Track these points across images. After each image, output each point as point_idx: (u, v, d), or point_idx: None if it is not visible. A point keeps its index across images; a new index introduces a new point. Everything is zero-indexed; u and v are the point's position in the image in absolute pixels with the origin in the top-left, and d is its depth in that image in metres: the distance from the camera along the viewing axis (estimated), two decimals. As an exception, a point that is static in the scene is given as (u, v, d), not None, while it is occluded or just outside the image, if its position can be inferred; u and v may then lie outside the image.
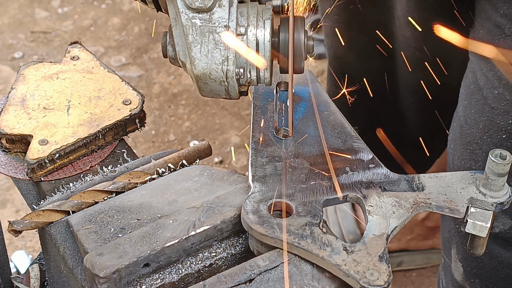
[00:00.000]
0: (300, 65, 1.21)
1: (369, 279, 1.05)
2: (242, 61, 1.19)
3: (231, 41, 1.16)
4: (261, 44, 1.18)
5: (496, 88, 1.63)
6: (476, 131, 1.71)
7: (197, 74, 1.18)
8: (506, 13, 1.56)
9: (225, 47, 1.17)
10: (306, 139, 1.26)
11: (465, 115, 1.74)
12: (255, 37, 1.18)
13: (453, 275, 1.89)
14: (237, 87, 1.20)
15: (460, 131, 1.77)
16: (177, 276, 1.14)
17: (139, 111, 1.42)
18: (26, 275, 1.47)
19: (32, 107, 1.42)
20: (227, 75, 1.18)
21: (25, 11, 3.58)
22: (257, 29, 1.18)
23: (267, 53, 1.19)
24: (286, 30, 1.19)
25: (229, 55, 1.17)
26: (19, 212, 2.81)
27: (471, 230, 1.18)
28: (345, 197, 1.18)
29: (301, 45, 1.20)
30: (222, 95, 1.22)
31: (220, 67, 1.17)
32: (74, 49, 1.54)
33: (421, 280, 2.65)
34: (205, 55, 1.17)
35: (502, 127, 1.64)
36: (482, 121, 1.69)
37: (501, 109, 1.63)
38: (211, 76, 1.18)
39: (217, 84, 1.19)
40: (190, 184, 1.24)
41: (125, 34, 3.48)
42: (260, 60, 1.18)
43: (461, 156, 1.78)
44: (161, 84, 3.27)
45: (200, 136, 3.08)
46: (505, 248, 1.74)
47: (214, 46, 1.17)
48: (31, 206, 1.43)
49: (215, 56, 1.17)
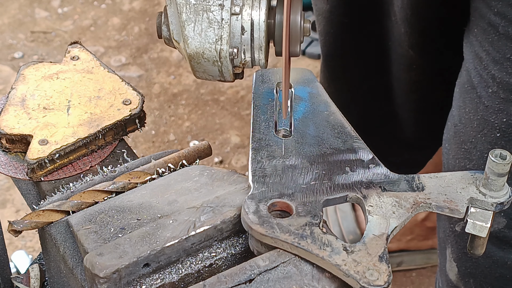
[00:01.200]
0: (295, 48, 1.19)
1: (369, 279, 1.05)
2: (236, 41, 1.17)
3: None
4: (256, 25, 1.17)
5: (490, 86, 1.63)
6: (470, 130, 1.71)
7: (190, 53, 1.16)
8: (499, 11, 1.56)
9: (219, 26, 1.15)
10: (306, 139, 1.25)
11: (459, 114, 1.75)
12: (250, 17, 1.16)
13: (448, 275, 1.89)
14: (231, 68, 1.18)
15: (454, 130, 1.77)
16: (177, 276, 1.14)
17: (139, 111, 1.42)
18: (26, 275, 1.47)
19: (32, 107, 1.42)
20: (221, 54, 1.16)
21: (25, 11, 3.58)
22: (252, 9, 1.16)
23: (261, 33, 1.17)
24: (282, 11, 1.17)
25: (223, 34, 1.15)
26: (19, 212, 2.81)
27: (471, 230, 1.18)
28: (345, 197, 1.18)
29: (297, 27, 1.18)
30: (216, 77, 1.20)
31: (213, 46, 1.16)
32: (74, 49, 1.54)
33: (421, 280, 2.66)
34: (198, 34, 1.15)
35: (496, 125, 1.65)
36: (476, 120, 1.69)
37: (495, 107, 1.63)
38: (204, 56, 1.16)
39: (210, 64, 1.17)
40: (190, 184, 1.24)
41: (125, 34, 3.48)
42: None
43: (455, 156, 1.78)
44: (161, 84, 3.27)
45: (200, 136, 3.08)
46: (499, 247, 1.74)
47: (208, 25, 1.15)
48: (31, 206, 1.43)
49: (208, 35, 1.16)
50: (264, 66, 1.21)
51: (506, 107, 1.62)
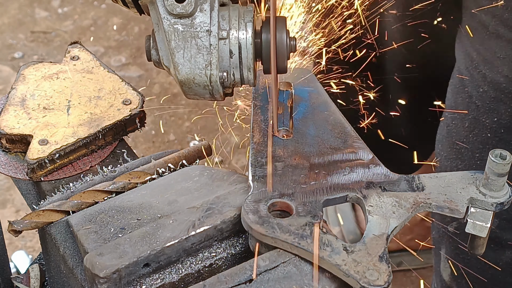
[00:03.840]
0: (283, 64, 1.21)
1: (369, 279, 1.05)
2: (225, 64, 1.19)
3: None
4: (244, 47, 1.19)
5: (481, 86, 1.63)
6: (462, 130, 1.71)
7: (181, 79, 1.19)
8: (490, 11, 1.56)
9: (207, 52, 1.17)
10: (306, 139, 1.26)
11: (452, 114, 1.75)
12: (237, 40, 1.19)
13: (442, 275, 1.89)
14: (221, 90, 1.21)
15: (446, 130, 1.78)
16: (177, 276, 1.14)
17: (139, 111, 1.42)
18: (26, 275, 1.47)
19: (32, 107, 1.42)
20: (211, 79, 1.19)
21: (25, 11, 3.58)
22: (239, 32, 1.19)
23: (249, 55, 1.19)
24: (268, 31, 1.20)
25: (212, 59, 1.18)
26: (19, 212, 2.81)
27: (471, 230, 1.18)
28: (345, 197, 1.18)
29: (283, 45, 1.20)
30: (207, 98, 1.23)
31: (203, 72, 1.18)
32: (74, 49, 1.54)
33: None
34: (188, 60, 1.18)
35: (487, 125, 1.65)
36: (467, 120, 1.69)
37: (486, 107, 1.63)
38: (195, 81, 1.19)
39: (201, 88, 1.20)
40: (190, 184, 1.24)
41: (125, 34, 3.47)
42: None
43: (448, 156, 1.78)
44: (161, 84, 3.27)
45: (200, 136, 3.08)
46: (491, 248, 1.74)
47: (197, 51, 1.17)
48: (31, 206, 1.43)
49: (198, 61, 1.18)
50: (253, 85, 1.23)
51: (497, 106, 1.62)
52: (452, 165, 1.75)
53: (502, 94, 1.60)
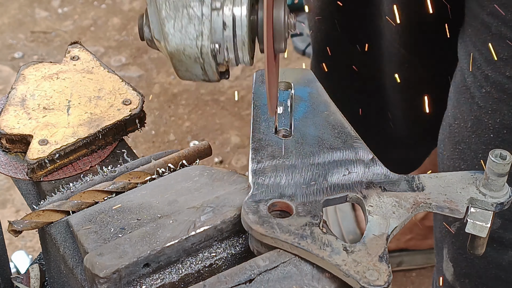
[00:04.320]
0: (280, 44, 1.15)
1: (369, 279, 1.05)
2: (218, 37, 1.13)
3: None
4: (238, 21, 1.12)
5: (484, 86, 1.63)
6: (465, 131, 1.71)
7: (171, 51, 1.13)
8: (492, 12, 1.56)
9: (199, 22, 1.11)
10: (306, 139, 1.25)
11: (454, 115, 1.75)
12: (231, 12, 1.12)
13: (444, 275, 1.89)
14: (214, 65, 1.14)
15: (449, 130, 1.78)
16: (177, 276, 1.14)
17: (139, 111, 1.42)
18: (26, 275, 1.47)
19: (32, 107, 1.42)
20: (202, 50, 1.12)
21: (25, 11, 3.58)
22: (234, 5, 1.12)
23: (244, 30, 1.13)
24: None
25: (204, 30, 1.11)
26: (19, 212, 2.81)
27: (471, 230, 1.18)
28: (345, 197, 1.18)
29: (280, 23, 1.13)
30: (200, 76, 1.15)
31: (194, 43, 1.12)
32: (74, 49, 1.54)
33: (421, 280, 2.66)
34: (178, 31, 1.12)
35: (490, 126, 1.65)
36: (470, 120, 1.69)
37: (489, 108, 1.64)
38: (185, 52, 1.13)
39: (192, 62, 1.13)
40: (190, 184, 1.24)
41: (125, 34, 3.48)
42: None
43: (450, 156, 1.78)
44: (161, 84, 3.27)
45: (200, 136, 3.08)
46: (494, 248, 1.74)
47: (188, 21, 1.11)
48: (31, 206, 1.43)
49: (189, 31, 1.12)
50: (250, 64, 1.16)
51: (500, 107, 1.62)
52: (455, 165, 1.75)
53: (505, 95, 1.60)
